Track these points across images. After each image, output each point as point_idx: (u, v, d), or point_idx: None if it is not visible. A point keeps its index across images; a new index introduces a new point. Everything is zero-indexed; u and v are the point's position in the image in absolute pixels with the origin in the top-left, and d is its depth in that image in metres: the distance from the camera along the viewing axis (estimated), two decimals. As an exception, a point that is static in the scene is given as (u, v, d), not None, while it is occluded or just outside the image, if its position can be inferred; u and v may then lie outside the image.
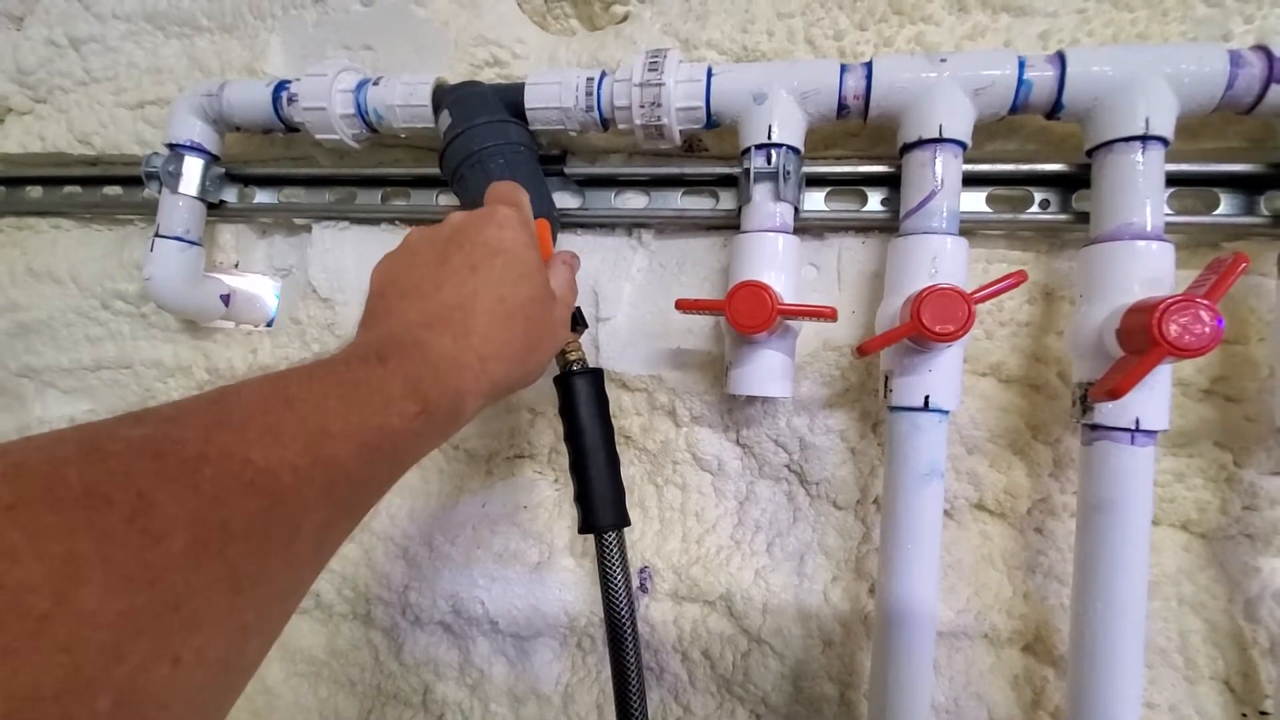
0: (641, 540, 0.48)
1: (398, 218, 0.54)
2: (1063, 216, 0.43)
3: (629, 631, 0.41)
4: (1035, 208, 0.44)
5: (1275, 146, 0.41)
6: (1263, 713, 0.39)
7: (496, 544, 0.50)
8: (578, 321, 0.45)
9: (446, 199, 0.53)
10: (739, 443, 0.48)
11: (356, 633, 0.52)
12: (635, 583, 0.48)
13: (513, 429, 0.51)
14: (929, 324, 0.36)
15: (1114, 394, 0.35)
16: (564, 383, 0.43)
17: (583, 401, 0.42)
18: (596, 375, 0.43)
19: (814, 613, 0.45)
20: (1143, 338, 0.34)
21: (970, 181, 0.44)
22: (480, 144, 0.46)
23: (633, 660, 0.41)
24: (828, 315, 0.39)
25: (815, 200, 0.47)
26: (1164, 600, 0.41)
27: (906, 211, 0.42)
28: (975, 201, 0.45)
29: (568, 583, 0.48)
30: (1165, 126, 0.38)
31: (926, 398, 0.39)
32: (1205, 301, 0.33)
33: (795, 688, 0.45)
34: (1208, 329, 0.32)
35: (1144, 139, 0.38)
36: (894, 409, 0.41)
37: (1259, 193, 0.41)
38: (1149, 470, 0.37)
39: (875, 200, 0.46)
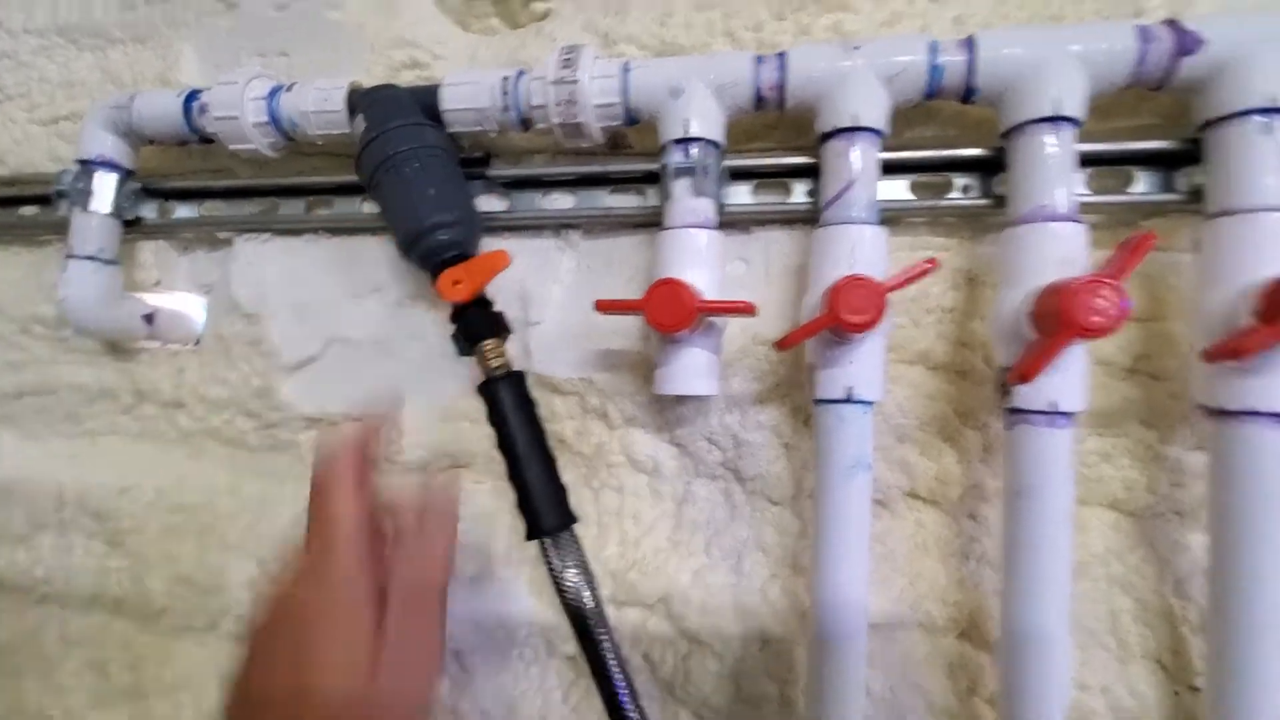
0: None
1: (322, 227, 0.53)
2: (983, 201, 0.43)
3: (602, 629, 0.39)
4: (956, 193, 0.44)
5: (1189, 123, 0.41)
6: (1193, 688, 0.39)
7: (433, 557, 0.48)
8: (501, 327, 0.44)
9: (372, 206, 0.52)
10: (674, 443, 0.47)
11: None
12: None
13: (448, 439, 0.50)
14: (843, 314, 0.36)
15: (1024, 377, 0.35)
16: (487, 391, 0.42)
17: (509, 407, 0.41)
18: (518, 378, 0.42)
19: (752, 611, 0.45)
20: (1053, 319, 0.34)
21: (892, 169, 0.43)
22: (395, 148, 0.45)
23: (614, 660, 0.39)
24: (747, 310, 0.38)
25: (742, 194, 0.47)
26: (1094, 581, 0.41)
27: (826, 202, 0.41)
28: (898, 189, 0.44)
29: (506, 593, 0.47)
30: (1075, 107, 0.38)
31: (849, 389, 0.39)
32: (1110, 281, 0.33)
33: (736, 687, 0.44)
34: (1114, 308, 0.32)
35: (1054, 120, 0.38)
36: (818, 402, 0.40)
37: (1175, 169, 0.41)
38: (1068, 452, 0.37)
39: (800, 192, 0.46)
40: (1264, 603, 0.35)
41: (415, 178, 0.44)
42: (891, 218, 0.44)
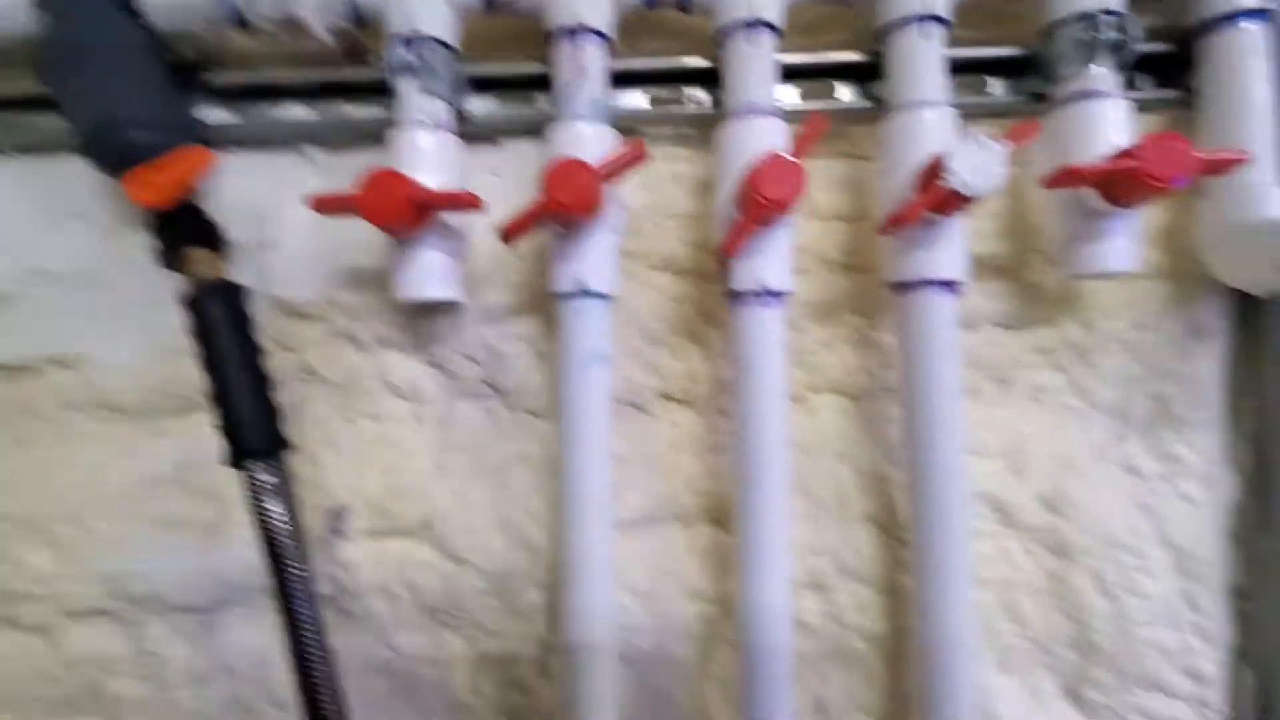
0: (335, 480, 0.45)
1: (12, 146, 0.46)
2: (711, 111, 0.45)
3: (298, 564, 0.38)
4: (688, 103, 0.46)
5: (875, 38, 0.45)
6: (902, 540, 0.44)
7: (161, 509, 0.44)
8: (212, 237, 0.41)
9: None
10: (431, 363, 0.46)
11: (3, 640, 0.44)
12: (329, 527, 0.44)
13: (173, 377, 0.45)
14: (556, 195, 0.36)
15: (729, 251, 0.37)
16: (193, 304, 0.38)
17: (216, 320, 0.38)
18: (229, 289, 0.39)
19: (516, 524, 0.44)
20: (748, 197, 0.36)
21: (629, 80, 0.45)
22: (83, 47, 0.40)
23: (306, 605, 0.38)
24: (470, 203, 0.38)
25: (488, 105, 0.46)
26: (824, 458, 0.45)
27: (558, 104, 0.42)
28: (638, 100, 0.46)
29: (247, 539, 0.43)
30: (772, 13, 0.41)
31: (579, 282, 0.39)
32: (788, 158, 0.35)
33: (502, 601, 0.44)
34: (790, 179, 0.35)
35: (753, 25, 0.41)
36: (554, 297, 0.40)
37: (868, 81, 0.46)
38: (779, 330, 0.40)
39: (542, 101, 0.46)
40: (943, 459, 0.40)
41: (103, 74, 0.40)
42: (629, 128, 0.45)
